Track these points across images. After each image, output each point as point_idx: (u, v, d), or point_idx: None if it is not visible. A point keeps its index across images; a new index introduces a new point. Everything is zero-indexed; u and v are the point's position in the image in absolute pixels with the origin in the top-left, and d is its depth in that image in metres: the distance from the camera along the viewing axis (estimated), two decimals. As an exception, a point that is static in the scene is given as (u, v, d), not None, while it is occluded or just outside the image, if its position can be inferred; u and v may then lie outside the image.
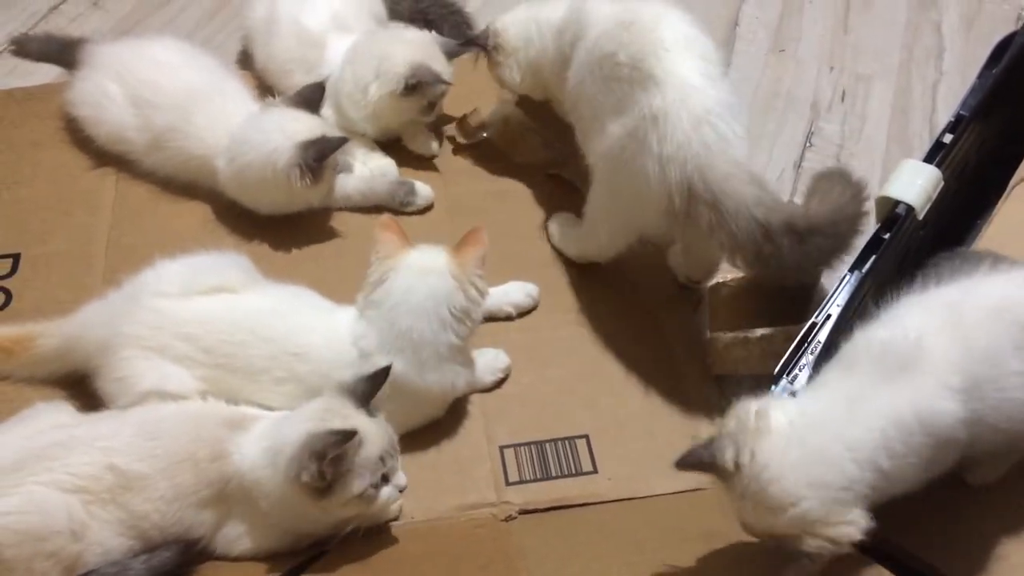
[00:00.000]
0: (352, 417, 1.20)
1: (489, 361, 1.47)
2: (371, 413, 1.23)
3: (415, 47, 1.72)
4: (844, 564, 1.20)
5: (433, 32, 1.79)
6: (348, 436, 1.15)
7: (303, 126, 1.59)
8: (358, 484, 1.17)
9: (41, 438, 1.22)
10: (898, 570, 1.19)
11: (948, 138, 1.45)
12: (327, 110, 1.74)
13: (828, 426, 1.06)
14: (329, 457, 1.14)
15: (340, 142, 1.58)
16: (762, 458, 1.04)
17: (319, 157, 1.56)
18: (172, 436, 1.22)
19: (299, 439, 1.17)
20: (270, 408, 1.33)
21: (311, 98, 1.64)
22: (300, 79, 1.75)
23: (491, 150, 1.82)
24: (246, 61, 1.93)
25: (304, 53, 1.77)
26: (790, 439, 1.05)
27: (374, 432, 1.20)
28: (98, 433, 1.22)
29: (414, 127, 1.79)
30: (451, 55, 1.75)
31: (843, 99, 2.01)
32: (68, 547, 1.14)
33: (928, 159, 1.42)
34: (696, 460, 1.09)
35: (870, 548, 1.21)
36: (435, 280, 1.32)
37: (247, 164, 1.59)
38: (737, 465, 1.05)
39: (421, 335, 1.31)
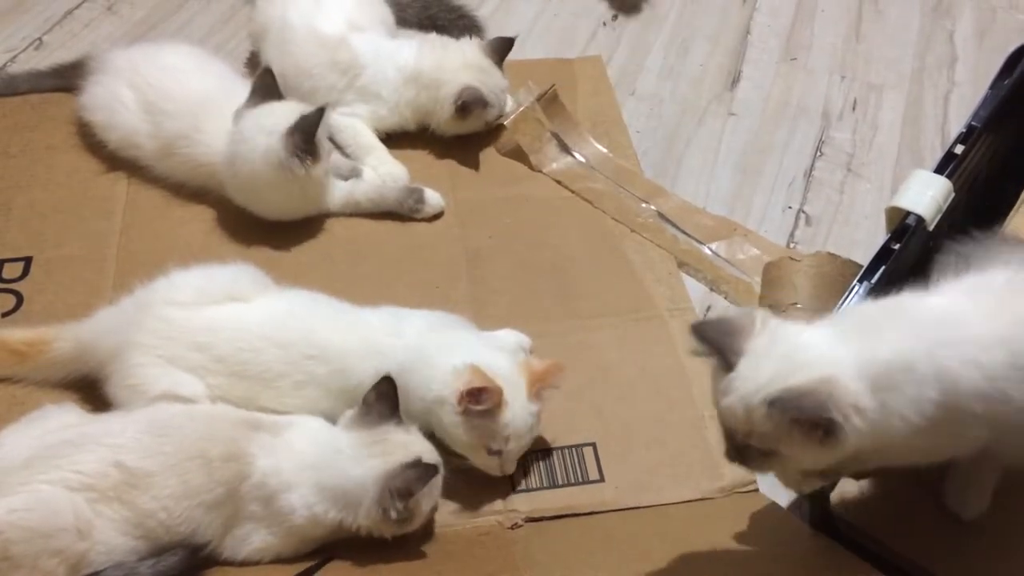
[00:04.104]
0: (412, 444, 1.25)
1: None
2: (407, 429, 1.27)
3: (465, 70, 1.76)
4: (846, 573, 1.20)
5: (477, 40, 1.84)
6: (432, 471, 1.21)
7: (280, 116, 1.59)
8: (427, 503, 1.24)
9: (49, 437, 1.22)
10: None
11: (960, 149, 1.44)
12: (361, 107, 1.78)
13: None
14: (416, 494, 1.20)
15: (319, 114, 1.58)
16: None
17: (307, 137, 1.57)
18: (182, 434, 1.22)
19: (375, 480, 1.21)
20: (286, 414, 1.32)
21: (269, 86, 1.64)
22: (335, 81, 1.77)
23: (503, 156, 1.83)
24: (258, 67, 1.93)
25: (331, 56, 1.78)
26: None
27: (429, 448, 1.27)
28: (106, 430, 1.23)
29: None
30: (501, 57, 1.80)
31: (854, 108, 2.01)
32: (74, 545, 1.14)
33: (939, 170, 1.42)
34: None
35: (872, 556, 1.21)
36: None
37: (251, 174, 1.59)
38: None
39: None
